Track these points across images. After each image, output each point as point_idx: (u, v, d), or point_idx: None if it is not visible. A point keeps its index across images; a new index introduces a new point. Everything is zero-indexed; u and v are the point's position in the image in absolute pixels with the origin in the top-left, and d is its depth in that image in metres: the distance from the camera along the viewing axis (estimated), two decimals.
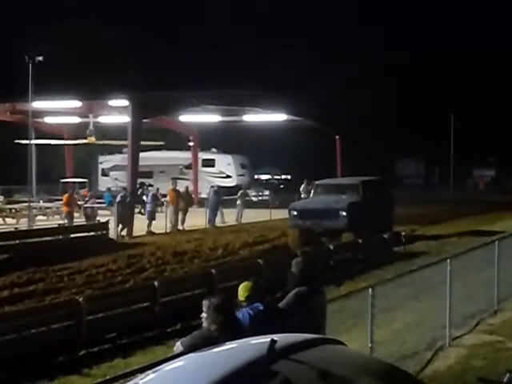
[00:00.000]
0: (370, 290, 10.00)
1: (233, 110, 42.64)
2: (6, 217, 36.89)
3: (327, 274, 18.73)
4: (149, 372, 3.99)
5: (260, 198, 51.42)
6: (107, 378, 8.41)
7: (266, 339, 3.77)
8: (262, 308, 6.94)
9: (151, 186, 45.96)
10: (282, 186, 61.60)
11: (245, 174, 54.16)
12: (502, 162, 77.75)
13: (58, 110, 41.10)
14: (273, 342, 3.59)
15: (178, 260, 22.34)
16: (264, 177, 68.70)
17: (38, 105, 36.54)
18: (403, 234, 28.22)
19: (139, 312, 14.79)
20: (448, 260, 12.86)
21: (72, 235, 27.00)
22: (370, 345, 9.76)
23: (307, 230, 25.90)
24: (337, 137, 48.22)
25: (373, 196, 27.05)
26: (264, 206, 41.56)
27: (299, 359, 3.68)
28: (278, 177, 69.76)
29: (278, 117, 44.45)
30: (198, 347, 4.33)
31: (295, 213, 26.95)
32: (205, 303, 6.19)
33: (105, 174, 54.99)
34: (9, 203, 42.01)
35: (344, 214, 25.51)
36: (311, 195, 29.61)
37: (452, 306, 12.58)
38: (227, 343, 4.23)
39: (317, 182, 30.52)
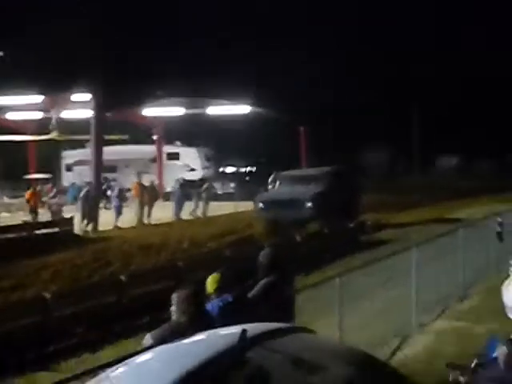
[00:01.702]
0: (338, 279, 10.04)
1: (196, 103, 42.54)
2: None
3: (295, 264, 18.77)
4: (119, 365, 3.97)
5: (225, 190, 51.37)
6: (76, 373, 8.37)
7: (236, 329, 3.78)
8: (231, 299, 6.95)
9: (115, 180, 45.70)
10: (247, 179, 61.62)
11: (210, 166, 54.07)
12: (465, 149, 78.33)
13: (19, 106, 40.70)
14: (244, 331, 3.59)
15: (144, 253, 22.25)
16: (229, 169, 68.67)
17: (0, 100, 36.17)
18: (369, 222, 28.48)
19: (107, 306, 14.73)
20: (414, 247, 12.97)
21: (36, 231, 26.78)
22: (338, 333, 9.81)
23: (273, 220, 25.90)
24: (301, 128, 48.33)
25: (338, 186, 27.30)
26: (229, 198, 41.53)
27: (271, 347, 3.69)
28: (244, 169, 69.77)
29: (242, 109, 44.43)
30: (168, 339, 4.32)
31: (261, 204, 27.26)
32: (174, 296, 6.18)
33: (69, 169, 54.58)
34: None
35: (309, 204, 25.91)
36: (276, 186, 29.78)
37: (418, 293, 12.69)
38: (197, 334, 4.22)
39: (282, 173, 30.69)
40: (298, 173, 31.20)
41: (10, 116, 44.48)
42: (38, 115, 44.40)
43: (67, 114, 43.08)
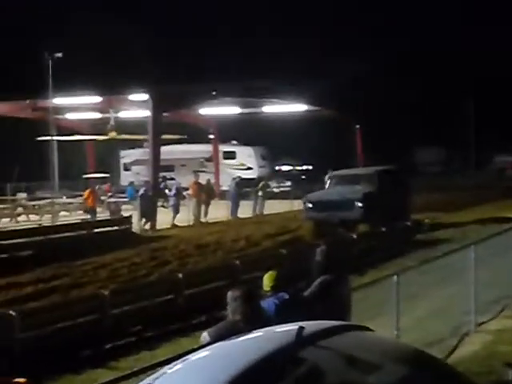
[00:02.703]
0: (395, 277, 9.98)
1: (252, 102, 42.61)
2: (30, 213, 37.13)
3: (351, 263, 18.70)
4: (177, 362, 4.01)
5: (281, 189, 51.34)
6: (134, 370, 8.47)
7: (292, 327, 3.78)
8: (287, 297, 6.97)
9: (173, 179, 46.05)
10: (303, 177, 61.48)
11: (265, 165, 54.11)
12: None
13: (78, 106, 41.27)
14: (301, 328, 3.60)
15: (201, 252, 22.40)
16: (285, 168, 68.59)
17: (59, 101, 36.70)
18: (426, 221, 28.18)
19: (164, 305, 14.85)
20: (472, 246, 12.82)
21: (95, 230, 27.13)
22: (395, 332, 9.75)
23: (322, 222, 25.35)
24: (357, 126, 48.07)
25: (389, 185, 26.38)
26: (285, 197, 41.51)
27: (327, 346, 3.68)
28: (299, 168, 69.64)
29: (298, 107, 44.36)
30: (224, 337, 4.35)
31: (310, 205, 26.64)
32: (229, 294, 6.21)
33: (126, 168, 55.13)
34: (32, 200, 42.29)
35: (360, 204, 25.19)
36: (326, 186, 29.14)
37: (476, 293, 12.53)
38: (253, 332, 4.24)
39: (331, 173, 30.19)
40: (348, 172, 30.09)
41: (69, 116, 45.12)
42: (97, 115, 44.97)
43: (125, 114, 43.55)
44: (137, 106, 38.39)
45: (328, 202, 25.88)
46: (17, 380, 4.39)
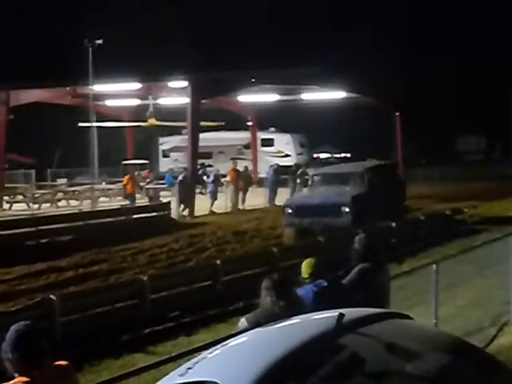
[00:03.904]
0: (434, 265, 9.93)
1: (291, 89, 42.51)
2: (70, 199, 37.53)
3: (389, 252, 18.61)
4: (216, 347, 4.04)
5: None
6: (172, 355, 8.52)
7: (331, 314, 3.78)
8: (325, 284, 6.97)
9: (210, 166, 46.17)
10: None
11: (303, 152, 53.99)
12: None
13: (118, 93, 41.51)
14: (341, 315, 3.60)
15: (238, 239, 22.46)
16: (323, 155, 68.38)
17: (99, 88, 36.95)
18: (465, 210, 27.91)
19: (202, 291, 14.93)
20: None
21: (134, 216, 27.32)
22: (434, 321, 9.71)
23: (305, 229, 22.03)
24: (397, 113, 47.75)
25: (381, 183, 23.67)
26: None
27: (367, 333, 3.68)
28: (338, 155, 69.37)
29: (337, 94, 44.16)
30: (262, 324, 4.36)
31: (290, 210, 23.11)
32: (266, 281, 6.22)
33: (165, 155, 55.39)
34: (72, 185, 42.73)
35: (347, 210, 22.09)
36: (308, 186, 25.89)
37: None
38: (292, 319, 4.25)
39: (315, 171, 27.41)
40: (334, 170, 26.94)
41: (109, 103, 45.41)
42: (136, 102, 45.22)
43: (164, 101, 43.73)
44: (176, 93, 38.50)
45: (311, 207, 22.60)
46: (59, 363, 4.45)
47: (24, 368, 4.28)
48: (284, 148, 52.94)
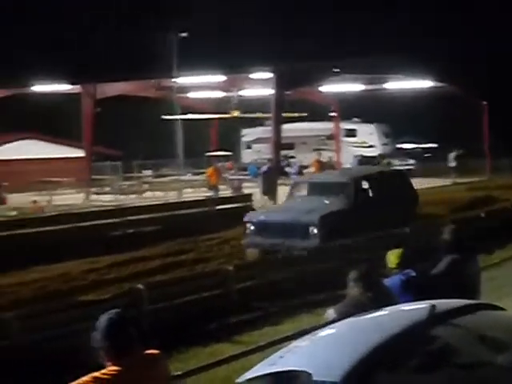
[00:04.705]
0: None
1: (375, 79, 42.11)
2: (155, 190, 38.12)
3: (478, 242, 18.22)
4: (307, 336, 4.04)
5: (404, 167, 50.63)
6: (259, 344, 8.59)
7: (423, 305, 3.75)
8: (413, 274, 6.91)
9: (293, 157, 46.18)
10: (426, 155, 60.38)
11: (388, 143, 53.47)
12: None
13: (200, 85, 41.89)
14: (432, 306, 3.56)
15: None
16: (407, 146, 67.54)
17: (183, 80, 37.34)
18: None
19: (287, 280, 14.93)
20: None
21: (218, 207, 27.53)
22: None
23: (265, 252, 18.20)
24: (484, 103, 46.82)
25: (377, 194, 19.86)
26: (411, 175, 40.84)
27: (458, 324, 3.64)
28: (423, 146, 68.38)
29: (422, 83, 43.52)
30: (350, 315, 4.35)
31: (252, 227, 19.04)
32: (353, 272, 6.20)
33: (247, 146, 55.66)
34: (157, 177, 43.40)
35: (315, 231, 17.82)
36: (286, 197, 21.63)
37: None
38: (382, 309, 4.22)
39: (295, 180, 24.18)
40: (316, 179, 22.49)
41: (192, 95, 45.86)
42: (218, 94, 45.54)
43: (247, 93, 43.91)
44: (259, 85, 38.60)
45: (274, 225, 18.59)
46: (150, 352, 4.51)
47: (115, 356, 4.32)
48: (367, 138, 52.52)
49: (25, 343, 10.40)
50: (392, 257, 7.11)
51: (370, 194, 19.90)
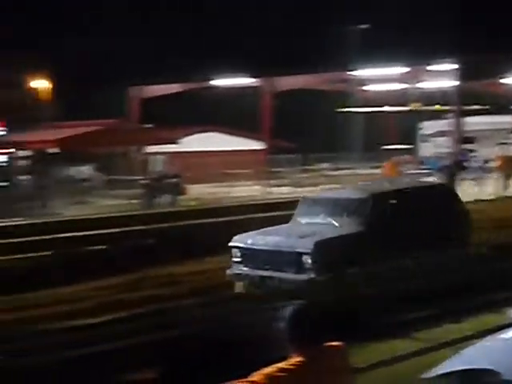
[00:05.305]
0: None
1: None
2: (332, 183, 38.10)
3: None
4: (493, 336, 3.91)
5: None
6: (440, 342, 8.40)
7: None
8: None
9: (473, 151, 44.93)
10: None
11: None
12: None
13: (380, 78, 41.58)
14: None
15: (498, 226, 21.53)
16: None
17: (361, 73, 37.22)
18: None
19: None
20: None
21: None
22: None
23: (252, 284, 14.98)
24: None
25: (405, 215, 15.68)
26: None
27: None
28: None
29: None
30: None
31: (238, 254, 15.48)
32: None
33: (424, 140, 54.57)
34: (334, 170, 43.54)
35: (309, 261, 14.30)
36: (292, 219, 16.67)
37: None
38: None
39: (303, 196, 18.16)
40: (328, 195, 17.72)
41: (370, 88, 45.59)
42: (396, 86, 45.02)
43: (425, 85, 43.17)
44: (438, 77, 37.84)
45: (263, 253, 15.09)
46: (332, 343, 4.48)
47: (301, 347, 4.32)
48: None
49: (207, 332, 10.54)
50: None
51: (397, 214, 15.66)
